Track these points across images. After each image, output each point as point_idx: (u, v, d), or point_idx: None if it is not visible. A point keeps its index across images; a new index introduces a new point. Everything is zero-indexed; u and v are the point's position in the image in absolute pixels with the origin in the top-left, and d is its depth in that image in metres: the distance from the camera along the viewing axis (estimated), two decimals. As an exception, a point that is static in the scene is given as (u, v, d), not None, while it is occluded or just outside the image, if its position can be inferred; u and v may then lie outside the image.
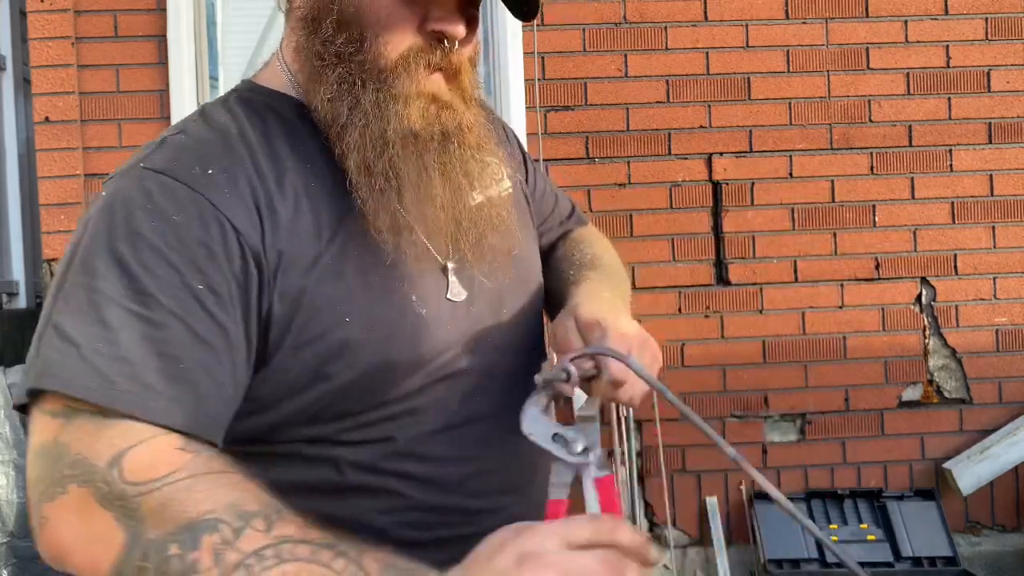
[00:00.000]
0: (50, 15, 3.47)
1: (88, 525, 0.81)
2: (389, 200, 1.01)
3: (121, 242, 0.91)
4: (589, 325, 1.05)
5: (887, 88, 3.68)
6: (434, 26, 1.02)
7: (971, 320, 3.68)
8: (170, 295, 0.90)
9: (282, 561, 0.78)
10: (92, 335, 0.89)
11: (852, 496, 3.55)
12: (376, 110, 1.01)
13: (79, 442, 0.85)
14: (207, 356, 0.91)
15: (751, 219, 3.64)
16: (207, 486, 0.82)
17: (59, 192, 3.47)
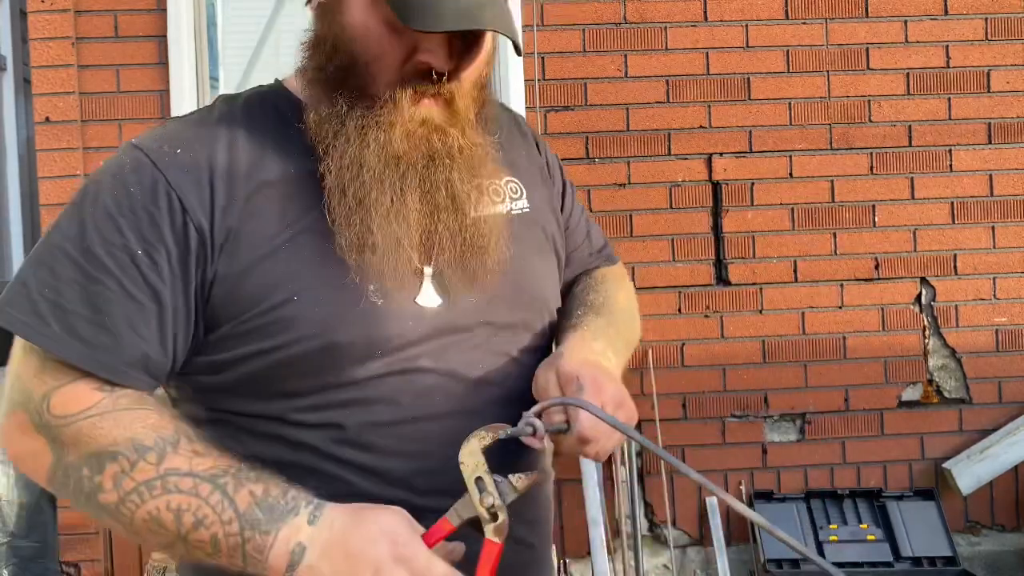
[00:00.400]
0: (50, 15, 3.47)
1: (28, 443, 1.03)
2: (355, 221, 1.06)
3: (87, 204, 1.06)
4: (567, 378, 1.08)
5: (887, 88, 3.68)
6: (421, 58, 1.05)
7: (971, 320, 3.68)
8: (110, 256, 1.03)
9: (166, 492, 0.96)
10: (41, 280, 1.04)
11: (852, 496, 3.55)
12: (358, 135, 1.06)
13: (26, 376, 1.04)
14: (134, 311, 1.03)
15: (751, 219, 3.64)
16: (112, 422, 0.99)
17: (59, 192, 3.48)
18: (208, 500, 0.96)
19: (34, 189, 4.25)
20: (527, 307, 1.20)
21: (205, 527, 0.96)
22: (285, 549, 0.95)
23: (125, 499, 0.97)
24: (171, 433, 1.00)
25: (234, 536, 0.96)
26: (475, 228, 1.13)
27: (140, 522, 0.97)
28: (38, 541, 3.58)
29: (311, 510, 0.97)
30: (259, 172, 1.10)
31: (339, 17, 1.07)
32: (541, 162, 1.34)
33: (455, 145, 1.10)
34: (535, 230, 1.26)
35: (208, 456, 1.00)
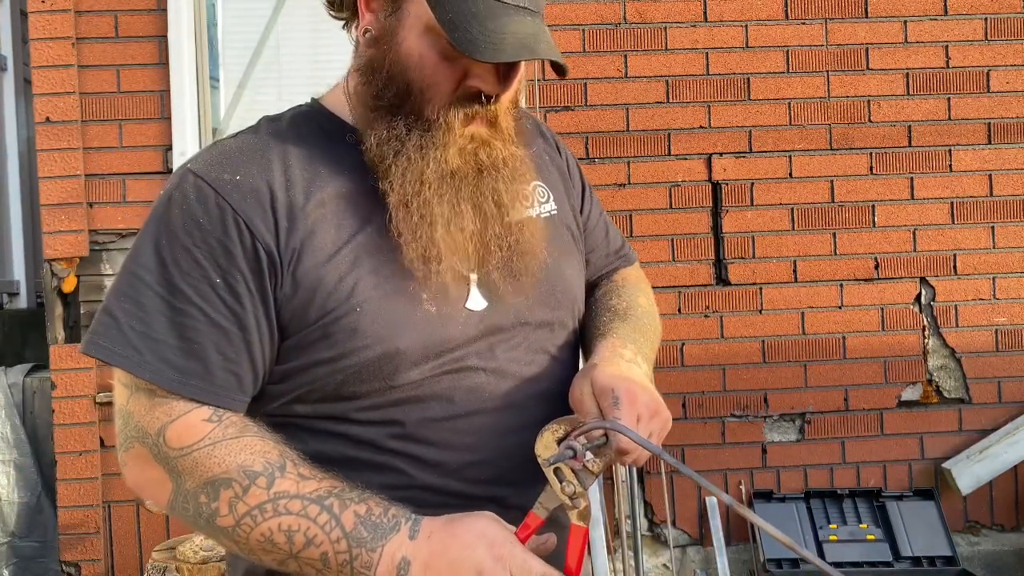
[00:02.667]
0: (51, 16, 3.48)
1: (149, 473, 1.10)
2: (421, 235, 1.14)
3: (161, 236, 1.13)
4: (603, 391, 1.14)
5: (887, 88, 3.68)
6: (471, 83, 1.14)
7: (970, 320, 3.68)
8: (191, 287, 1.11)
9: (277, 514, 1.04)
10: (128, 312, 1.12)
11: (851, 496, 3.55)
12: (418, 154, 1.14)
13: (138, 413, 1.12)
14: (219, 337, 1.11)
15: (751, 219, 3.64)
16: (224, 451, 1.08)
17: (60, 192, 3.48)
18: (317, 520, 1.04)
19: (34, 189, 4.25)
20: (560, 306, 1.27)
21: (315, 546, 1.04)
22: (391, 564, 1.04)
23: (240, 522, 1.06)
24: (277, 458, 1.08)
25: (343, 554, 1.04)
26: (518, 233, 1.21)
27: (255, 543, 1.06)
28: (38, 541, 3.58)
29: (410, 525, 1.06)
30: (315, 191, 1.16)
31: (394, 47, 1.15)
32: (562, 164, 1.41)
33: (499, 157, 1.18)
34: (562, 231, 1.33)
35: (313, 479, 1.07)
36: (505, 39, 1.09)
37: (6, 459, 3.55)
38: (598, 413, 1.13)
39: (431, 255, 1.14)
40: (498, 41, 1.08)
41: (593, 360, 1.23)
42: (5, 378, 3.62)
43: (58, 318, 3.52)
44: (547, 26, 1.17)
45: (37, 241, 4.37)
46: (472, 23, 1.09)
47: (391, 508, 1.07)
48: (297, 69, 3.75)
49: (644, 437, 1.10)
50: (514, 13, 1.10)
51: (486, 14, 1.09)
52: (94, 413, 3.47)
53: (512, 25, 1.10)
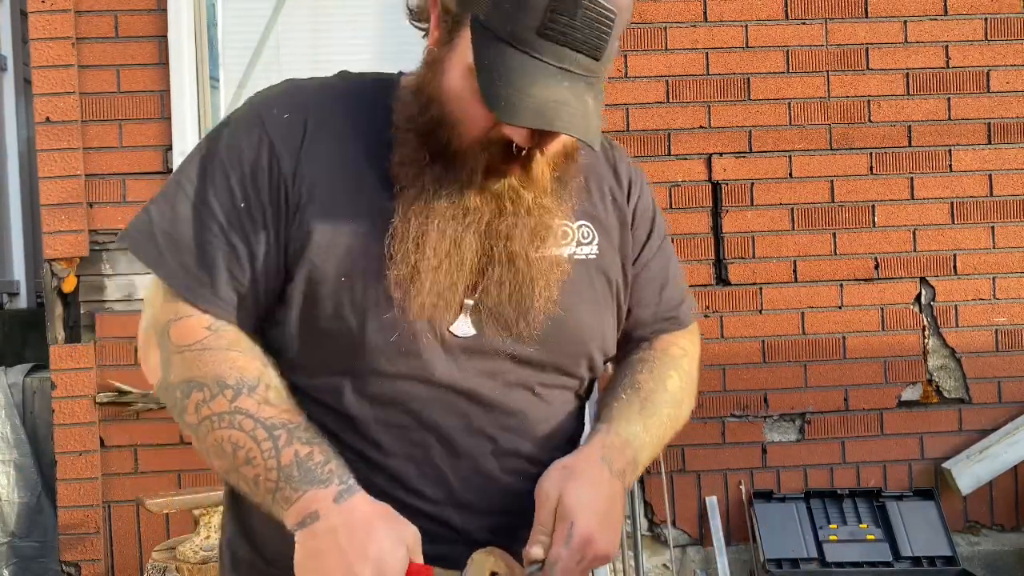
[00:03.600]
0: (51, 15, 3.48)
1: (152, 357, 1.19)
2: (409, 261, 1.14)
3: (208, 153, 1.21)
4: (564, 516, 1.13)
5: (887, 88, 3.68)
6: (504, 130, 1.11)
7: (970, 320, 3.68)
8: (220, 204, 1.17)
9: (231, 427, 1.11)
10: (162, 215, 1.19)
11: (851, 496, 3.55)
12: (433, 186, 1.15)
13: (156, 303, 1.20)
14: (231, 256, 1.17)
15: (751, 219, 3.64)
16: (208, 358, 1.14)
17: (60, 192, 3.48)
18: (260, 445, 1.09)
19: (34, 189, 4.25)
20: (562, 352, 1.24)
21: (252, 466, 1.10)
22: (303, 510, 1.07)
23: (201, 423, 1.12)
24: (252, 377, 1.13)
25: (270, 483, 1.09)
26: (525, 280, 1.18)
27: (209, 446, 1.13)
28: (38, 541, 3.58)
29: (341, 490, 1.08)
30: (346, 165, 1.19)
31: (438, 76, 1.15)
32: (628, 209, 1.34)
33: (524, 206, 1.17)
34: (597, 277, 1.27)
35: (275, 407, 1.12)
36: (528, 101, 1.05)
37: (6, 459, 3.54)
38: (551, 530, 1.13)
39: (412, 284, 1.14)
40: (520, 101, 1.05)
41: (579, 460, 1.19)
42: (5, 378, 3.62)
43: (58, 318, 3.52)
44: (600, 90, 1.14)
45: (37, 241, 4.37)
46: (502, 77, 1.06)
47: (333, 463, 1.10)
48: (297, 69, 3.73)
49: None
50: (551, 75, 1.07)
51: (520, 71, 1.06)
52: (94, 413, 3.47)
53: (543, 88, 1.06)
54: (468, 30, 1.10)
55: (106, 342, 3.49)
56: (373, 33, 3.80)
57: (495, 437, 1.20)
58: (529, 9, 1.05)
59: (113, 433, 3.49)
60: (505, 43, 1.07)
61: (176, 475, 3.49)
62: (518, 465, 1.22)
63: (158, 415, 3.48)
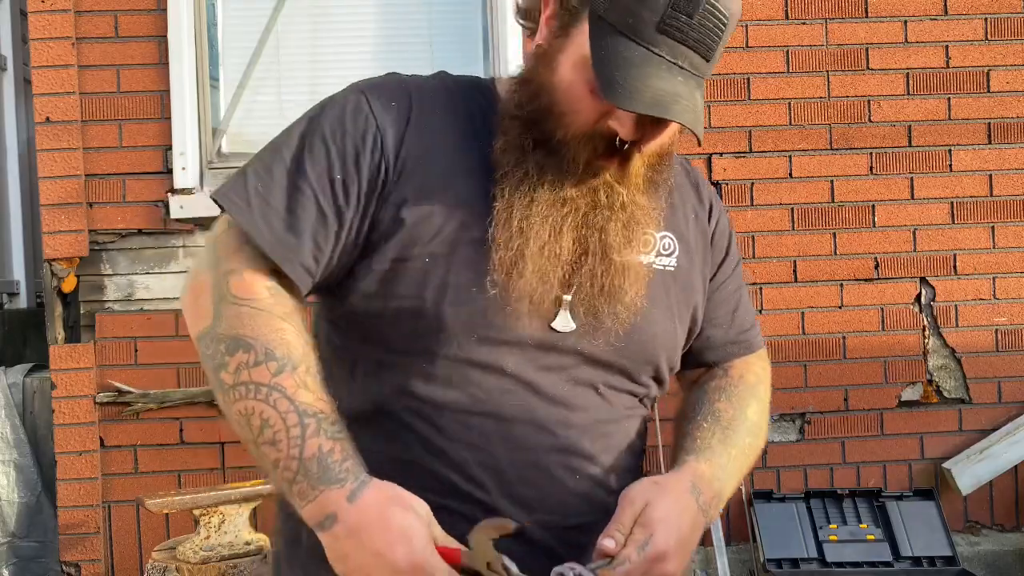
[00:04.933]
0: (51, 15, 3.48)
1: (201, 302, 1.17)
2: (512, 245, 1.17)
3: (310, 126, 1.22)
4: (645, 527, 1.13)
5: (887, 88, 3.68)
6: (610, 123, 1.15)
7: (970, 320, 3.68)
8: (316, 172, 1.19)
9: (265, 402, 1.09)
10: (257, 176, 1.20)
11: (852, 496, 3.55)
12: (536, 171, 1.18)
13: (223, 249, 1.20)
14: (319, 224, 1.18)
15: (751, 219, 3.64)
16: (263, 321, 1.13)
17: (60, 192, 3.48)
18: (289, 431, 1.08)
19: (34, 189, 4.25)
20: (630, 356, 1.25)
21: (276, 449, 1.09)
22: (320, 512, 1.07)
23: (235, 386, 1.11)
24: (298, 356, 1.13)
25: (289, 472, 1.08)
26: (617, 273, 1.21)
27: (236, 412, 1.12)
28: (38, 541, 3.58)
29: (354, 488, 1.07)
30: (447, 154, 1.22)
31: (549, 67, 1.18)
32: (707, 227, 1.38)
33: (619, 201, 1.19)
34: (673, 289, 1.30)
35: (312, 393, 1.11)
36: (644, 91, 1.09)
37: (6, 459, 3.55)
38: (628, 531, 1.13)
39: (515, 268, 1.17)
40: (637, 90, 1.09)
41: (671, 480, 1.20)
42: (5, 378, 3.62)
43: (58, 318, 3.52)
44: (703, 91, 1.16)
45: (37, 241, 4.37)
46: (620, 67, 1.10)
47: (349, 461, 1.09)
48: (297, 69, 3.75)
49: None
50: (667, 69, 1.11)
51: (637, 62, 1.10)
52: (94, 413, 3.47)
53: (658, 80, 1.10)
54: (585, 23, 1.14)
55: (106, 342, 3.49)
56: (373, 33, 3.80)
57: (556, 432, 1.20)
58: (651, 4, 1.10)
59: (113, 433, 3.49)
60: (623, 35, 1.11)
61: (176, 475, 3.49)
62: (578, 464, 1.22)
63: (158, 415, 3.48)
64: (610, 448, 1.25)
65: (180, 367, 3.50)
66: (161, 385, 3.49)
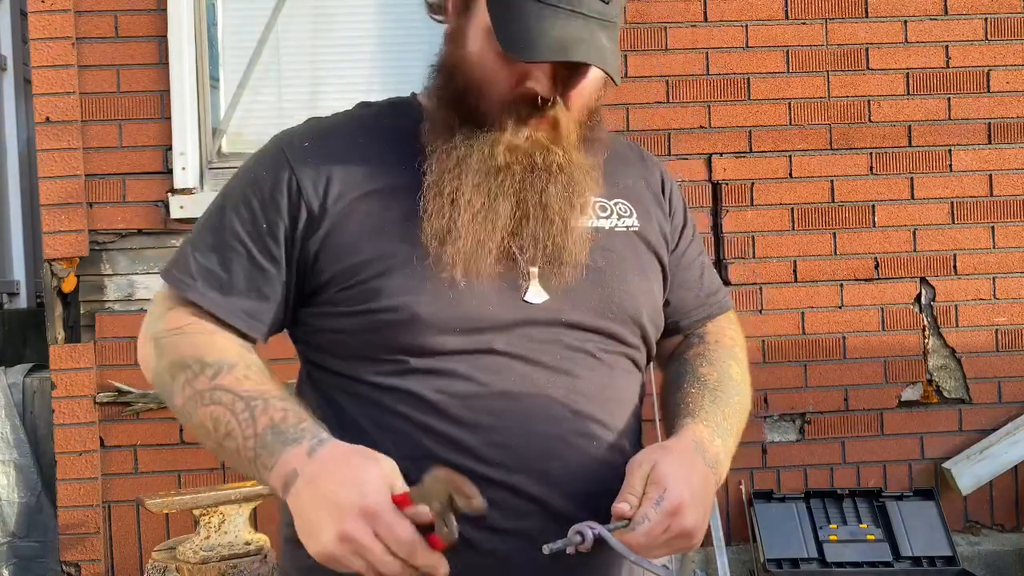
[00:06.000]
0: (51, 15, 3.48)
1: (145, 351, 1.27)
2: (444, 215, 1.18)
3: (235, 185, 1.29)
4: (656, 484, 1.13)
5: (887, 88, 3.68)
6: (528, 85, 1.18)
7: (970, 320, 3.68)
8: (245, 230, 1.24)
9: (212, 403, 1.15)
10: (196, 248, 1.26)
11: (852, 496, 3.55)
12: (464, 145, 1.20)
13: (158, 305, 1.28)
14: (255, 272, 1.24)
15: (751, 219, 3.64)
16: (194, 340, 1.21)
17: (60, 192, 3.48)
18: (238, 417, 1.12)
19: (34, 189, 4.25)
20: (613, 318, 1.26)
21: (232, 439, 1.12)
22: (282, 472, 1.08)
23: (187, 403, 1.17)
24: (233, 357, 1.19)
25: (250, 451, 1.11)
26: (562, 237, 1.22)
27: (196, 424, 1.17)
28: (38, 541, 3.58)
29: (313, 444, 1.08)
30: (373, 177, 1.25)
31: (460, 46, 1.22)
32: (659, 193, 1.41)
33: (555, 162, 1.21)
34: (640, 249, 1.32)
35: (254, 381, 1.16)
36: (544, 40, 1.12)
37: (6, 459, 3.55)
38: (641, 493, 1.13)
39: (448, 236, 1.18)
40: (536, 41, 1.12)
41: (674, 442, 1.21)
42: (5, 378, 3.62)
43: (58, 318, 3.52)
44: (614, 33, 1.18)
45: (37, 241, 4.37)
46: (517, 23, 1.14)
47: (304, 422, 1.11)
48: (297, 69, 3.75)
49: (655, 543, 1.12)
50: (565, 17, 1.13)
51: (533, 15, 1.13)
52: (94, 413, 3.47)
53: (557, 28, 1.13)
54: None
55: (106, 342, 3.49)
56: (373, 33, 3.80)
57: (564, 401, 1.20)
58: None
59: (113, 433, 3.49)
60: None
61: (176, 475, 3.49)
62: (591, 429, 1.22)
63: (158, 415, 3.48)
64: (617, 412, 1.26)
65: (180, 367, 3.49)
66: (161, 385, 3.48)
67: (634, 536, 1.10)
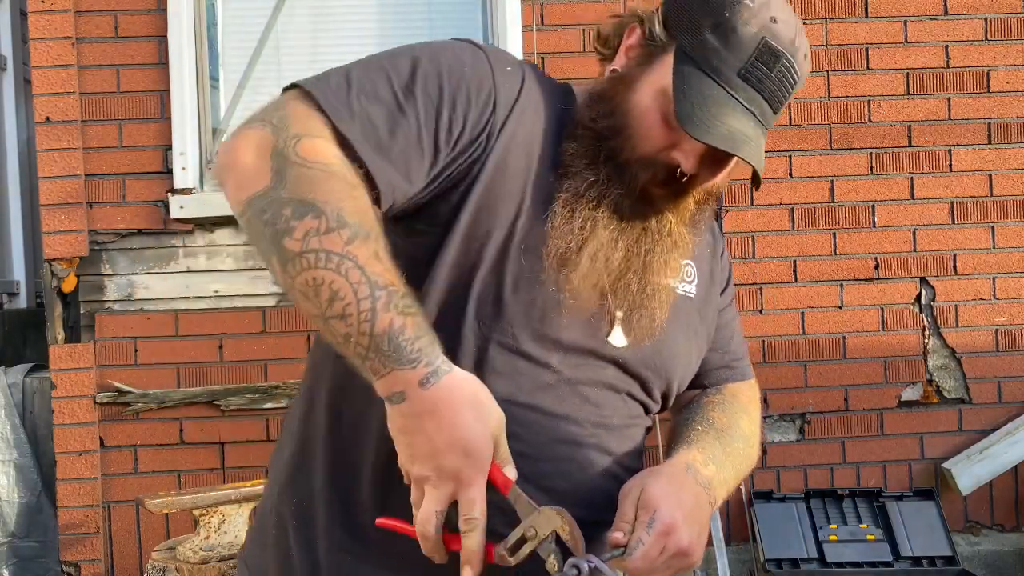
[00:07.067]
0: (51, 15, 3.48)
1: (256, 161, 1.07)
2: (572, 238, 1.19)
3: (426, 55, 1.19)
4: (646, 506, 1.16)
5: (887, 88, 3.68)
6: (674, 154, 1.20)
7: (970, 320, 3.68)
8: (424, 103, 1.15)
9: (335, 271, 1.02)
10: (361, 86, 1.15)
11: (852, 496, 3.55)
12: (607, 182, 1.21)
13: (293, 112, 1.11)
14: (413, 153, 1.14)
15: (751, 219, 3.64)
16: (335, 186, 1.05)
17: (59, 192, 3.48)
18: (360, 303, 1.02)
19: (34, 189, 4.26)
20: (652, 369, 1.30)
21: (345, 322, 1.03)
22: (389, 387, 1.04)
23: (302, 255, 1.03)
24: (370, 224, 1.06)
25: (361, 348, 1.03)
26: (652, 293, 1.26)
27: (302, 282, 1.03)
28: (38, 541, 3.58)
29: (428, 373, 1.04)
30: (535, 129, 1.23)
31: (630, 91, 1.23)
32: (716, 264, 1.45)
33: (667, 228, 1.25)
34: (692, 315, 1.36)
35: (383, 264, 1.05)
36: (719, 127, 1.16)
37: (6, 459, 3.55)
38: (632, 519, 1.15)
39: (569, 262, 1.19)
40: (712, 126, 1.16)
41: (664, 466, 1.24)
42: (5, 378, 3.62)
43: (58, 318, 3.52)
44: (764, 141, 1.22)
45: (37, 241, 4.37)
46: (699, 102, 1.17)
47: (423, 339, 1.04)
48: (297, 69, 3.75)
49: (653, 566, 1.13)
50: (742, 112, 1.18)
51: (716, 100, 1.17)
52: (94, 413, 3.47)
53: (733, 120, 1.17)
54: (669, 57, 1.21)
55: (106, 342, 3.49)
56: (373, 33, 3.80)
57: (591, 430, 1.23)
58: (738, 51, 1.19)
59: (113, 433, 3.49)
60: (705, 74, 1.18)
61: (176, 475, 3.49)
62: (606, 462, 1.25)
63: (158, 415, 3.48)
64: (629, 451, 1.30)
65: (180, 367, 3.50)
66: (161, 385, 3.49)
67: (632, 561, 1.12)
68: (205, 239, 3.53)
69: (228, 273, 3.53)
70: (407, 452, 1.05)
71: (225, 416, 3.50)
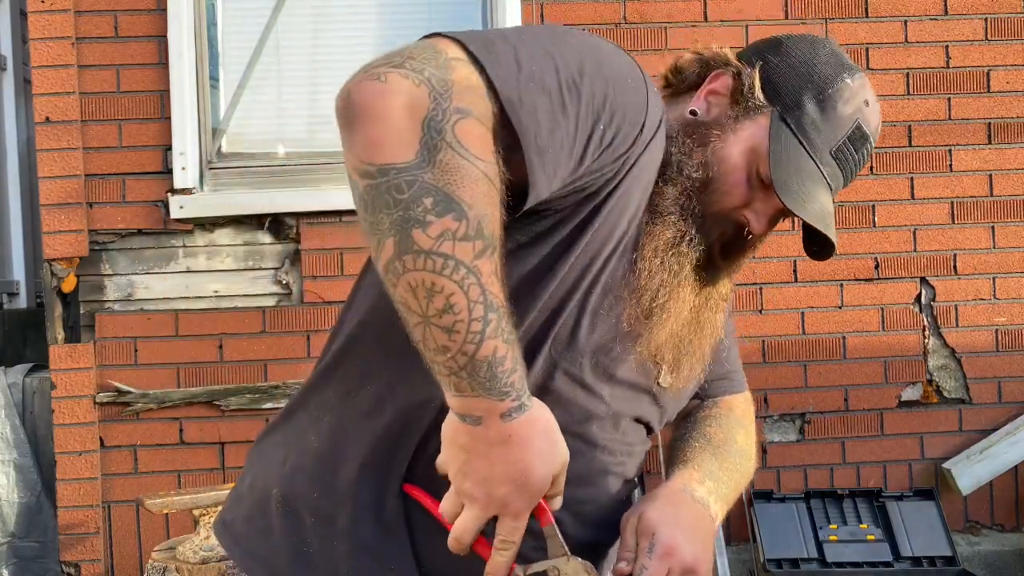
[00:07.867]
0: (50, 15, 3.48)
1: (404, 121, 0.95)
2: (657, 297, 1.19)
3: (591, 54, 1.11)
4: (645, 532, 1.17)
5: (887, 88, 3.68)
6: (748, 214, 1.24)
7: (970, 320, 3.68)
8: (585, 108, 1.06)
9: (458, 284, 0.95)
10: (528, 70, 1.03)
11: (852, 496, 3.55)
12: (690, 235, 1.21)
13: (458, 77, 0.98)
14: (563, 157, 1.05)
15: (751, 219, 3.63)
16: (485, 189, 0.97)
17: (59, 192, 3.48)
18: (471, 323, 0.97)
19: (34, 189, 4.26)
20: (677, 404, 1.35)
21: (448, 336, 0.97)
22: (467, 409, 1.01)
23: (432, 253, 0.95)
24: (499, 240, 1.00)
25: (455, 365, 0.99)
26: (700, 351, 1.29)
27: (417, 281, 0.95)
28: (38, 541, 3.59)
29: (512, 408, 1.01)
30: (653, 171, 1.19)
31: (720, 144, 1.23)
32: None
33: (722, 291, 1.30)
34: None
35: (501, 282, 1.00)
36: (811, 203, 1.21)
37: (6, 459, 3.55)
38: (634, 547, 1.16)
39: (653, 316, 1.20)
40: (806, 200, 1.20)
41: (660, 489, 1.25)
42: (5, 378, 3.62)
43: (58, 318, 3.52)
44: None
45: (37, 241, 4.37)
46: (795, 174, 1.20)
47: (516, 373, 1.01)
48: (297, 69, 3.75)
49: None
50: (824, 188, 1.23)
51: (809, 175, 1.21)
52: (94, 413, 3.47)
53: (820, 195, 1.22)
54: (765, 119, 1.23)
55: (106, 342, 3.50)
56: (373, 33, 3.80)
57: (619, 459, 1.25)
58: (834, 128, 1.23)
59: (113, 433, 3.49)
60: (802, 146, 1.22)
61: (176, 475, 3.49)
62: (626, 489, 1.28)
63: (158, 415, 3.48)
64: (638, 474, 1.33)
65: (180, 367, 3.50)
66: (161, 385, 3.49)
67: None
68: (205, 239, 3.53)
69: (228, 273, 3.53)
70: (460, 467, 1.04)
71: (225, 416, 3.50)
